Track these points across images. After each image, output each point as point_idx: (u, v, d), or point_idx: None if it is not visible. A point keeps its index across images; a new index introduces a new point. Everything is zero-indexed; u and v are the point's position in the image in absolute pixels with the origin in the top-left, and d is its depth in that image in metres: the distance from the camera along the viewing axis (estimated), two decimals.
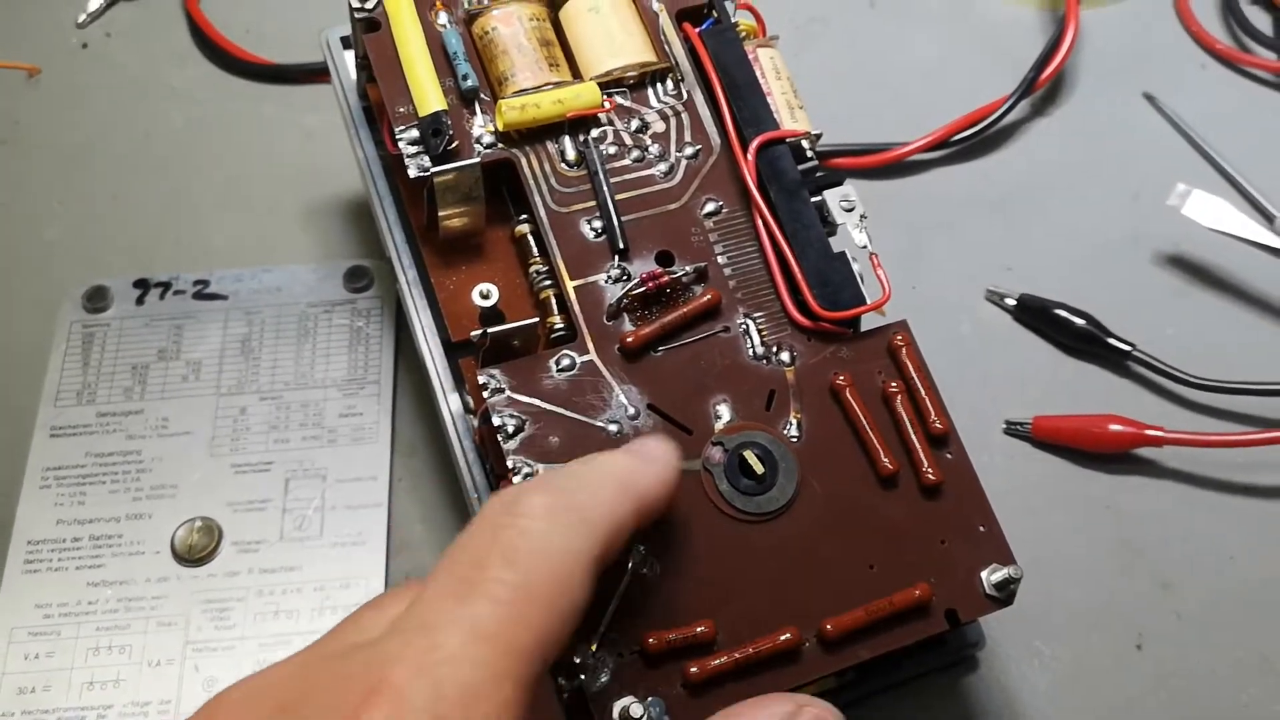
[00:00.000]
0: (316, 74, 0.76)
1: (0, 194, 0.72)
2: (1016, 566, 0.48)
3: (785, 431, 0.49)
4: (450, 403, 0.52)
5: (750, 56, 0.54)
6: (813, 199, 0.52)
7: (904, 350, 0.50)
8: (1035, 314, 0.67)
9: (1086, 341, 0.66)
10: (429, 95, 0.50)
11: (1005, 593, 0.48)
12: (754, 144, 0.52)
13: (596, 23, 0.53)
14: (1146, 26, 0.81)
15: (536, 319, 0.49)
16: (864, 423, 0.49)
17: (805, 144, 0.53)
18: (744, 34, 0.55)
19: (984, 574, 0.48)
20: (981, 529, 0.49)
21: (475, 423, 0.51)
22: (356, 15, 0.52)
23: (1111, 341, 0.65)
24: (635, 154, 0.52)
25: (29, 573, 0.59)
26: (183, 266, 0.68)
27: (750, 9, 0.56)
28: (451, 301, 0.52)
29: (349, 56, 0.58)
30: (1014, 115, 0.75)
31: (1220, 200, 0.66)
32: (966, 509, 0.49)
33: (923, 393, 0.50)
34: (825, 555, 0.47)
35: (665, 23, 0.54)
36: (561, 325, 0.50)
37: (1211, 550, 0.61)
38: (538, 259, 0.51)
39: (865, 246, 0.52)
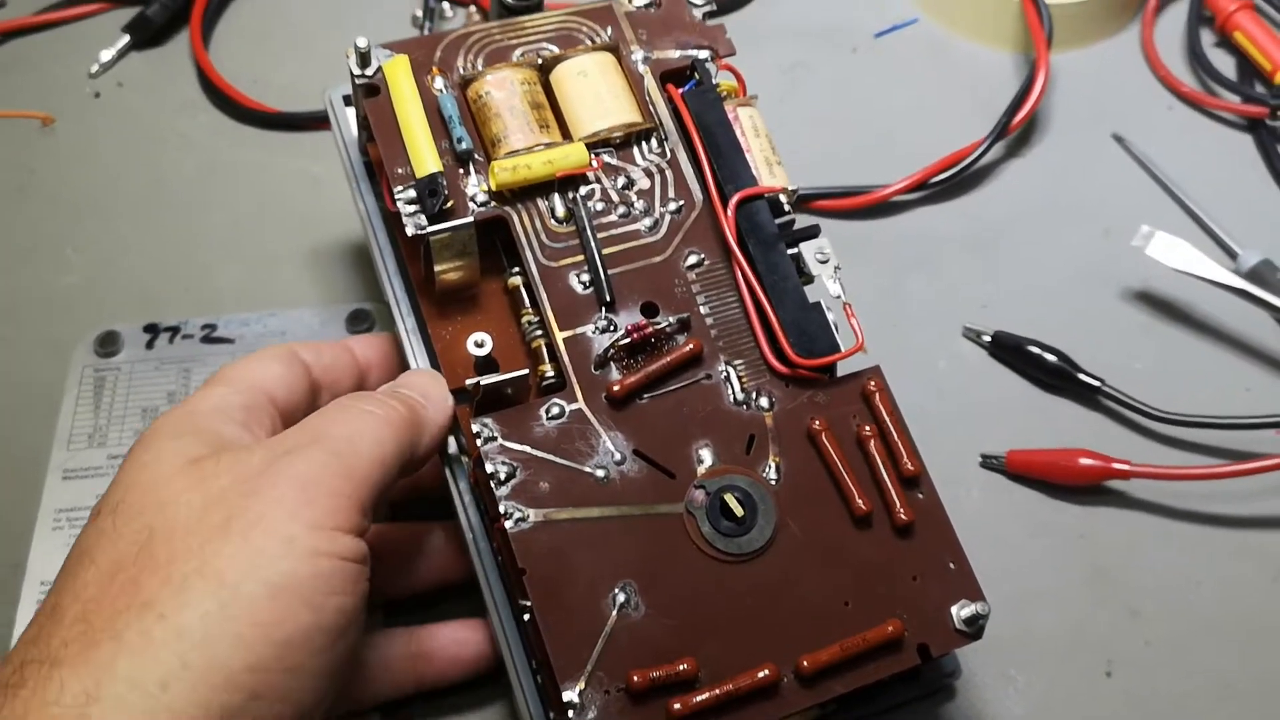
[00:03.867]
0: (322, 122, 0.76)
1: (17, 241, 0.72)
2: (985, 603, 0.48)
3: (764, 474, 0.49)
4: (448, 446, 0.52)
5: (731, 115, 0.54)
6: (790, 250, 0.53)
7: (877, 395, 0.51)
8: (1010, 350, 0.67)
9: (1058, 377, 0.66)
10: (425, 158, 0.51)
11: (974, 628, 0.48)
12: (733, 200, 0.52)
13: (585, 85, 0.54)
14: (1115, 69, 0.81)
15: (527, 370, 0.49)
16: (839, 465, 0.49)
17: (783, 199, 0.54)
18: (725, 94, 0.55)
19: (954, 609, 0.48)
20: (951, 566, 0.49)
21: (471, 466, 0.51)
22: (357, 81, 0.52)
23: (1082, 377, 0.65)
24: (621, 209, 0.53)
25: None
26: (191, 311, 0.69)
27: (731, 69, 0.56)
28: (448, 350, 0.52)
29: (351, 114, 0.59)
30: (989, 156, 0.75)
31: (1182, 241, 0.66)
32: (937, 547, 0.49)
33: (895, 436, 0.50)
34: (802, 593, 0.48)
35: (650, 84, 0.55)
36: (552, 373, 0.51)
37: (1179, 579, 0.61)
38: (529, 310, 0.52)
39: (839, 296, 0.52)
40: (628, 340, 0.50)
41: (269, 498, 0.42)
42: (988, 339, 0.68)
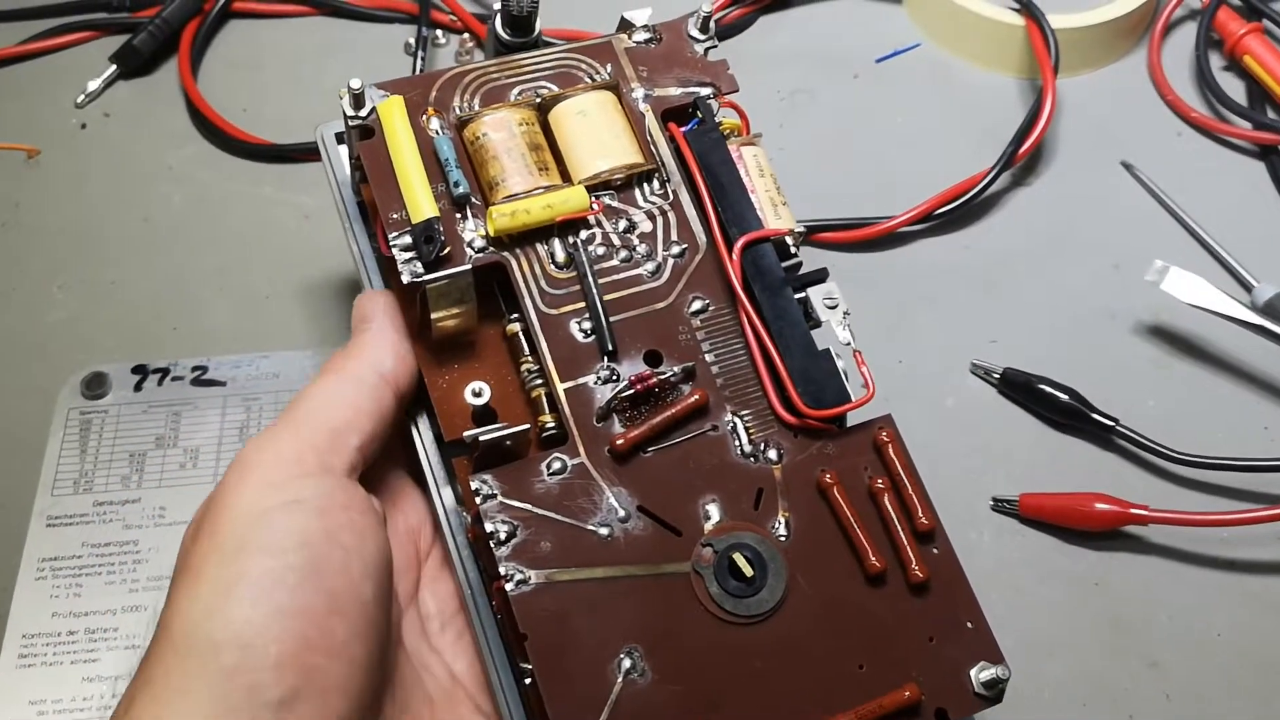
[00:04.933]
0: (313, 154, 0.74)
1: (0, 277, 0.69)
2: (1004, 666, 0.46)
3: (774, 530, 0.47)
4: (445, 498, 0.50)
5: (734, 155, 0.52)
6: (797, 295, 0.50)
7: (889, 447, 0.48)
8: (1020, 389, 0.65)
9: (1071, 416, 0.63)
10: (421, 203, 0.48)
11: (994, 691, 0.46)
12: (739, 244, 0.50)
13: (584, 126, 0.51)
14: (1123, 95, 0.79)
15: (528, 425, 0.47)
16: (851, 521, 0.47)
17: (789, 241, 0.51)
18: (728, 132, 0.53)
19: (973, 672, 0.46)
20: (969, 625, 0.47)
21: (468, 520, 0.49)
22: (351, 123, 0.50)
23: (1095, 416, 0.63)
24: (623, 254, 0.50)
25: (23, 667, 0.56)
26: (181, 352, 0.66)
27: (734, 107, 0.54)
28: (445, 399, 0.50)
29: (343, 151, 0.56)
30: (995, 186, 0.72)
31: (1197, 277, 0.64)
32: (954, 605, 0.47)
33: (909, 489, 0.48)
34: (815, 656, 0.45)
35: (651, 123, 0.52)
36: (553, 424, 0.48)
37: (1199, 628, 0.58)
38: (529, 358, 0.49)
39: (849, 343, 0.50)
40: (631, 391, 0.48)
41: (234, 483, 0.43)
42: (997, 376, 0.65)
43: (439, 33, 0.80)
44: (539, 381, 0.49)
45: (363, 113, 0.50)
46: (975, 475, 0.63)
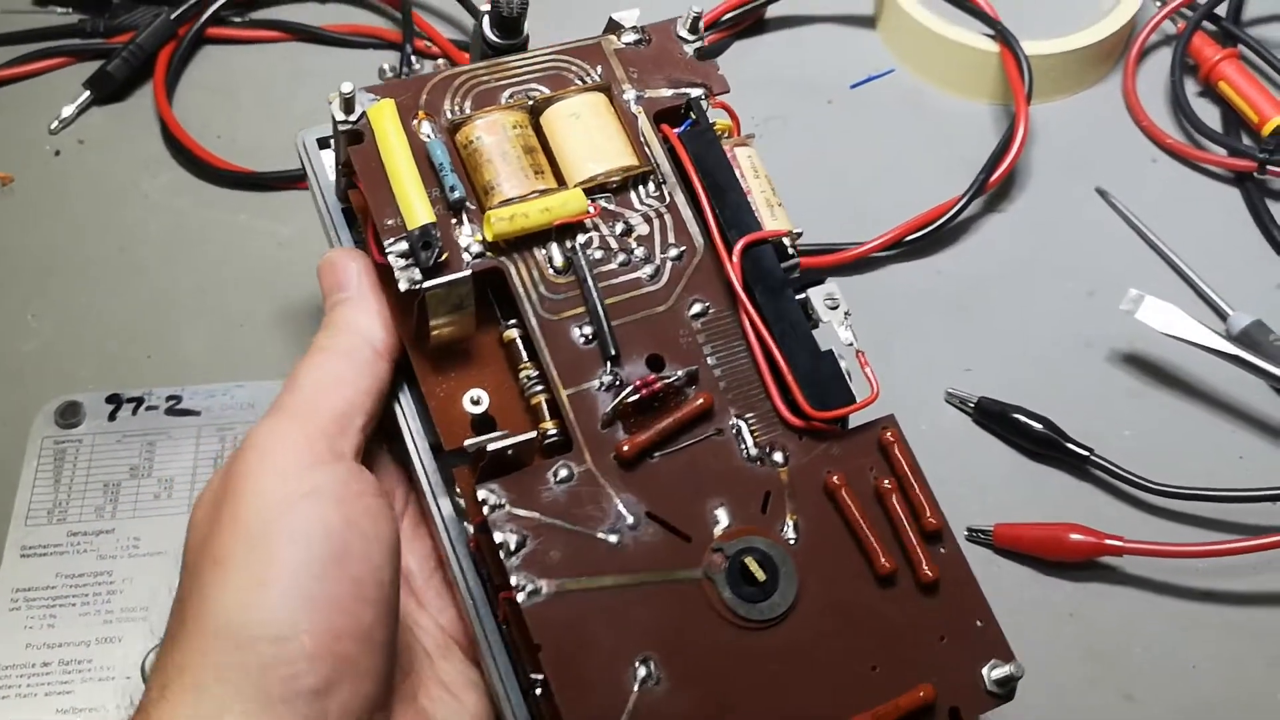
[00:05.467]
0: (289, 181, 0.73)
1: None
2: (1018, 664, 0.46)
3: (782, 533, 0.46)
4: (443, 509, 0.49)
5: (729, 155, 0.51)
6: (797, 296, 0.50)
7: (895, 446, 0.48)
8: (994, 418, 0.65)
9: (1046, 446, 0.63)
10: (417, 208, 0.47)
11: (1006, 689, 0.46)
12: (738, 246, 0.49)
13: (578, 128, 0.50)
14: (1097, 121, 0.79)
15: (534, 434, 0.46)
16: (859, 522, 0.47)
17: (787, 241, 0.51)
18: (721, 132, 0.52)
19: (985, 670, 0.46)
20: (979, 624, 0.47)
21: (470, 530, 0.48)
22: (341, 127, 0.48)
23: (1070, 446, 0.63)
24: (621, 257, 0.50)
25: None
26: (155, 379, 0.66)
27: (725, 108, 0.53)
28: (443, 408, 0.49)
29: (326, 157, 0.55)
30: (969, 211, 0.72)
31: (1171, 306, 0.64)
32: (964, 605, 0.47)
33: (916, 489, 0.48)
34: (828, 659, 0.45)
35: (644, 125, 0.51)
36: (555, 431, 0.47)
37: (1174, 660, 0.58)
38: (528, 364, 0.48)
39: (851, 344, 0.50)
40: (636, 396, 0.47)
41: (251, 471, 0.43)
42: (972, 405, 0.65)
43: (414, 59, 0.80)
44: (539, 388, 0.48)
45: (353, 117, 0.48)
46: (950, 505, 0.61)
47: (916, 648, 0.46)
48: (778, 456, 0.48)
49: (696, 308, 0.49)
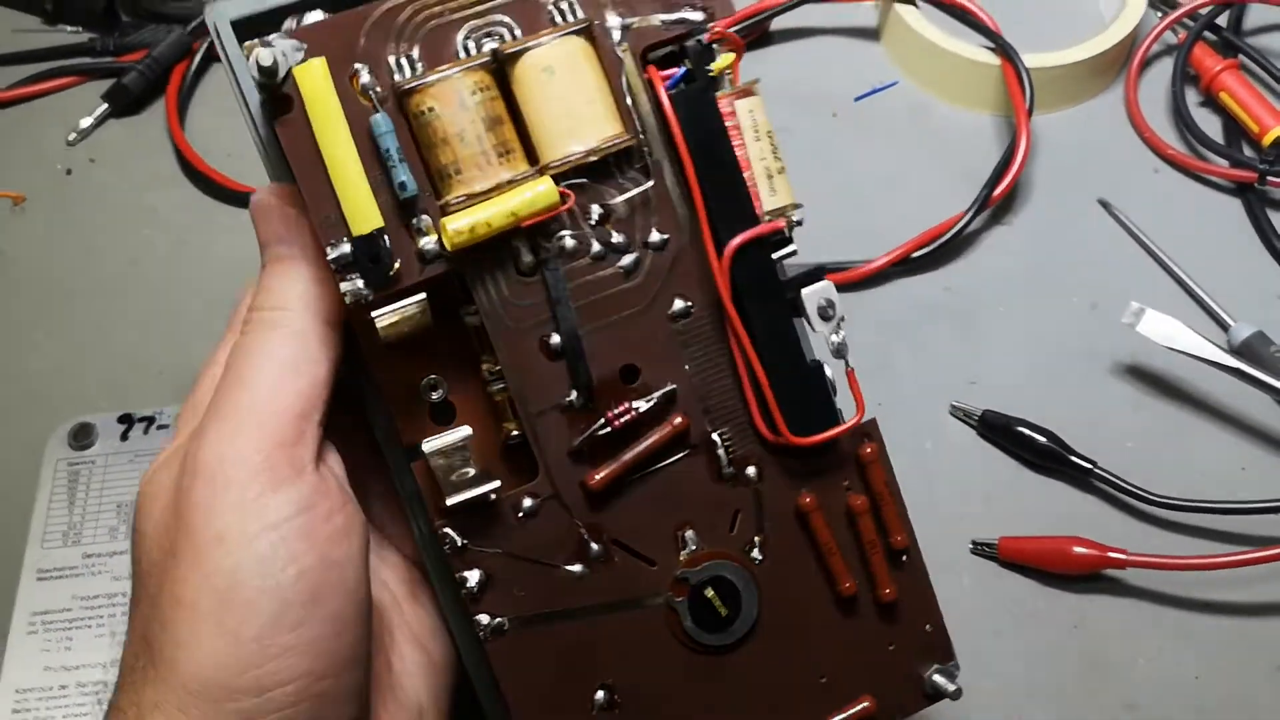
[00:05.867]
0: None
1: None
2: (955, 663, 0.48)
3: (749, 553, 0.46)
4: (419, 527, 0.46)
5: (727, 112, 0.44)
6: (789, 294, 0.46)
7: (871, 466, 0.47)
8: (999, 431, 0.65)
9: (1049, 459, 0.64)
10: (364, 209, 0.40)
11: (944, 691, 0.47)
12: (729, 249, 0.44)
13: (552, 90, 0.42)
14: (1099, 131, 0.79)
15: (500, 483, 0.43)
16: (827, 544, 0.46)
17: (785, 227, 0.45)
18: (720, 73, 0.44)
19: (926, 672, 0.47)
20: (928, 628, 0.48)
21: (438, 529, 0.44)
22: (260, 89, 0.40)
23: (1074, 459, 0.63)
24: (596, 248, 0.44)
25: None
26: (166, 397, 0.66)
27: (730, 38, 0.44)
28: (398, 395, 0.44)
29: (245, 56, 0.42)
30: (974, 225, 0.73)
31: (1172, 319, 0.64)
32: (917, 613, 0.47)
33: (888, 507, 0.47)
34: (783, 677, 0.46)
35: (630, 70, 0.43)
36: (517, 432, 0.44)
37: (1177, 670, 0.59)
38: (490, 358, 0.44)
39: (842, 356, 0.46)
40: (607, 430, 0.44)
41: (206, 501, 0.39)
42: (976, 418, 0.65)
43: None
44: (501, 385, 0.44)
45: (277, 76, 0.39)
46: (955, 518, 0.63)
47: (867, 659, 0.46)
48: (751, 472, 0.46)
49: (678, 305, 0.45)
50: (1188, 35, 0.80)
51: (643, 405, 0.44)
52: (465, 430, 0.42)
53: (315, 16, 0.41)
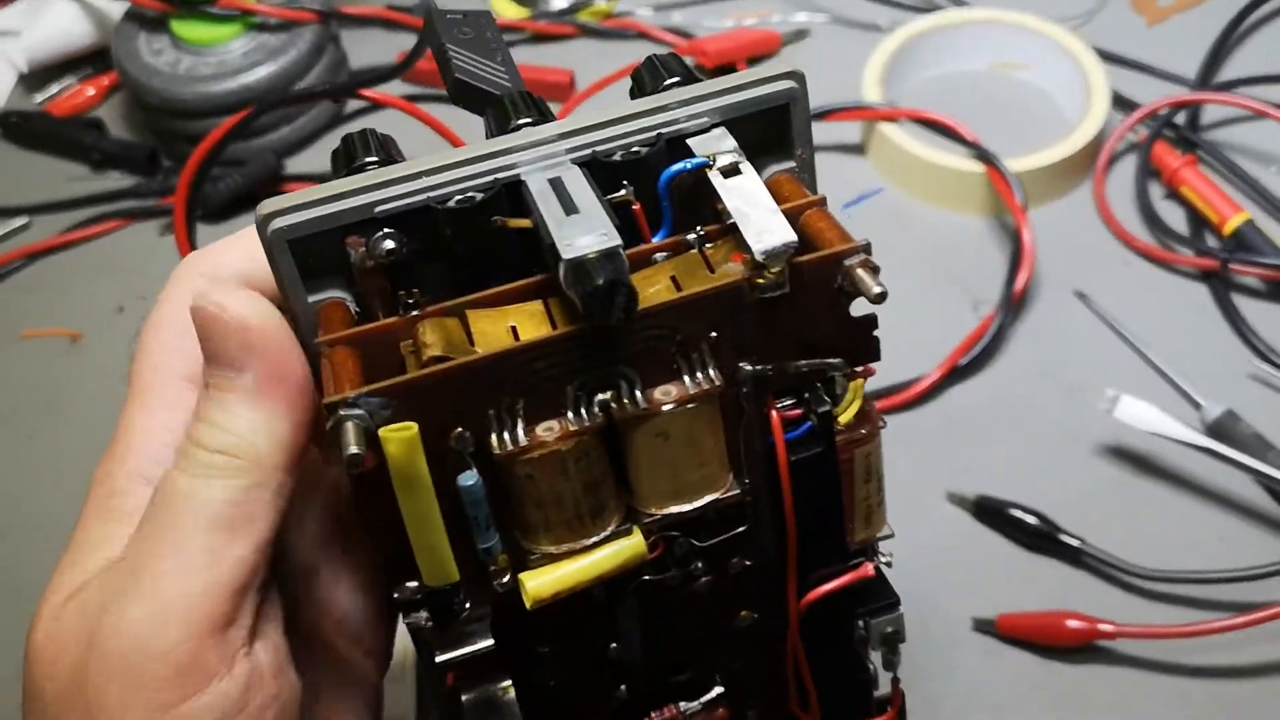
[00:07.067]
0: None
1: (47, 463, 0.73)
2: None
3: None
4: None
5: (844, 458, 0.39)
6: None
7: None
8: (993, 514, 0.68)
9: (1041, 538, 0.67)
10: (440, 564, 0.35)
11: None
12: (811, 598, 0.40)
13: (663, 454, 0.36)
14: (1072, 227, 0.83)
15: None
16: None
17: (872, 568, 0.40)
18: (844, 421, 0.38)
19: None
20: None
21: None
22: (350, 470, 0.32)
23: (1063, 539, 0.66)
24: (676, 575, 0.39)
25: None
26: None
27: (867, 374, 0.39)
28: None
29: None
30: (956, 321, 0.76)
31: (1145, 404, 0.68)
32: None
33: None
34: None
35: (750, 416, 0.37)
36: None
37: None
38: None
39: (892, 670, 0.43)
40: None
41: (104, 691, 0.32)
42: (971, 503, 0.69)
43: None
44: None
45: (359, 449, 0.32)
46: (955, 596, 0.66)
47: None
48: None
49: (743, 618, 0.41)
50: (1148, 135, 0.84)
51: (687, 707, 0.42)
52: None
53: (387, 244, 0.35)
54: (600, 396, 0.35)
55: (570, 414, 0.35)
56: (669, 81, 0.38)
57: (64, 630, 0.33)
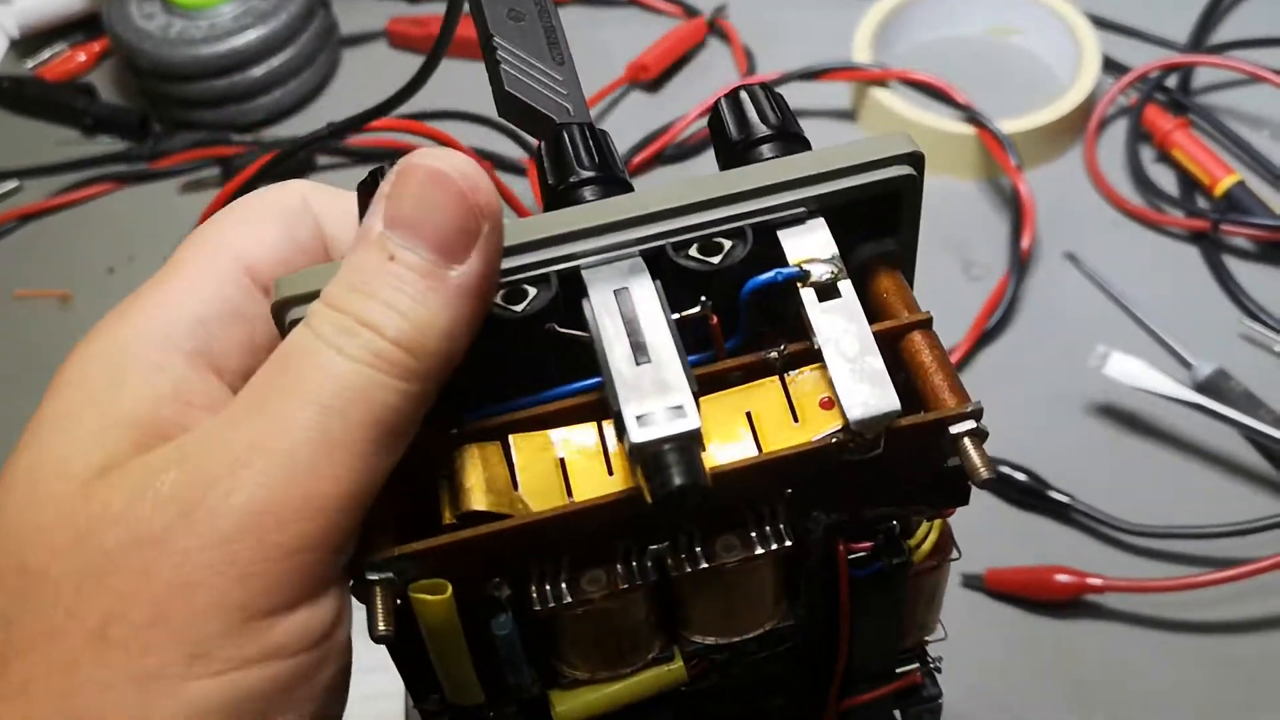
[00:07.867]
0: None
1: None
2: None
3: None
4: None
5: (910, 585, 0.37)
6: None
7: None
8: None
9: (1030, 495, 0.66)
10: (466, 688, 0.33)
11: None
12: (850, 703, 0.39)
13: (714, 590, 0.33)
14: (1063, 191, 0.82)
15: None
16: None
17: (920, 675, 0.41)
18: (918, 558, 0.35)
19: None
20: None
21: None
22: (382, 632, 0.29)
23: (1052, 495, 0.65)
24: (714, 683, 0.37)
25: None
26: None
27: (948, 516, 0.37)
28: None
29: None
30: (948, 280, 0.76)
31: (1135, 360, 0.67)
32: None
33: None
34: None
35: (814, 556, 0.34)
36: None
37: (1159, 689, 0.61)
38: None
39: None
40: None
41: (165, 584, 0.26)
42: None
43: None
44: None
45: (389, 625, 0.29)
46: None
47: None
48: None
49: (777, 704, 0.39)
50: (1139, 97, 0.83)
51: None
52: None
53: None
54: (654, 547, 0.31)
55: (620, 568, 0.31)
56: (759, 135, 0.33)
57: (113, 501, 0.27)
